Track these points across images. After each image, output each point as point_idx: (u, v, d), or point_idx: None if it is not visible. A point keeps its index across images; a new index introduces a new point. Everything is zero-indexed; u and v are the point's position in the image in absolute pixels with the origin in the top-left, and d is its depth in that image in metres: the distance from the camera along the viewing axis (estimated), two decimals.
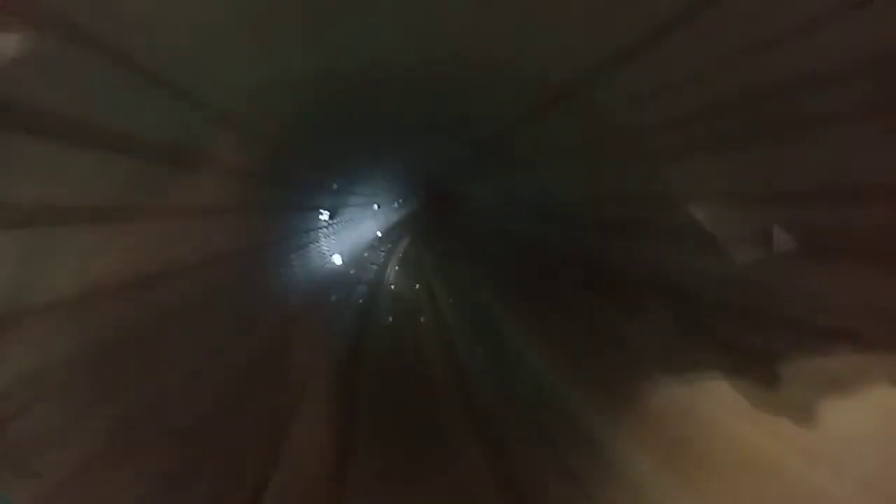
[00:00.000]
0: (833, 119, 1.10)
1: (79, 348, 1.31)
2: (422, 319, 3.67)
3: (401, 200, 4.88)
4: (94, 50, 1.16)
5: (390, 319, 3.84)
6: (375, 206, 4.89)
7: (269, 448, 1.93)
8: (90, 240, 1.36)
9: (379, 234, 4.94)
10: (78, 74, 1.17)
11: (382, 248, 4.77)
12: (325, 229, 4.13)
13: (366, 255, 4.62)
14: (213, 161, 2.00)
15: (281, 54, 1.71)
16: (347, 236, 4.40)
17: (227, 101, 1.80)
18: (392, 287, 4.26)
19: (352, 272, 4.30)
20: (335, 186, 4.12)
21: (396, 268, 4.46)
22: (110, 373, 1.41)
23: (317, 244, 4.03)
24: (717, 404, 1.45)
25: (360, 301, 4.01)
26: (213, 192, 2.16)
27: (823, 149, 1.16)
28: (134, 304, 1.55)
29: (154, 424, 1.58)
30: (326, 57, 1.82)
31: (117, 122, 1.36)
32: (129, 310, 1.53)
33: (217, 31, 1.41)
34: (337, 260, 4.22)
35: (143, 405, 1.53)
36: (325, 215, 4.12)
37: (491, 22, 1.53)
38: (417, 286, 4.20)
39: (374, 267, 4.46)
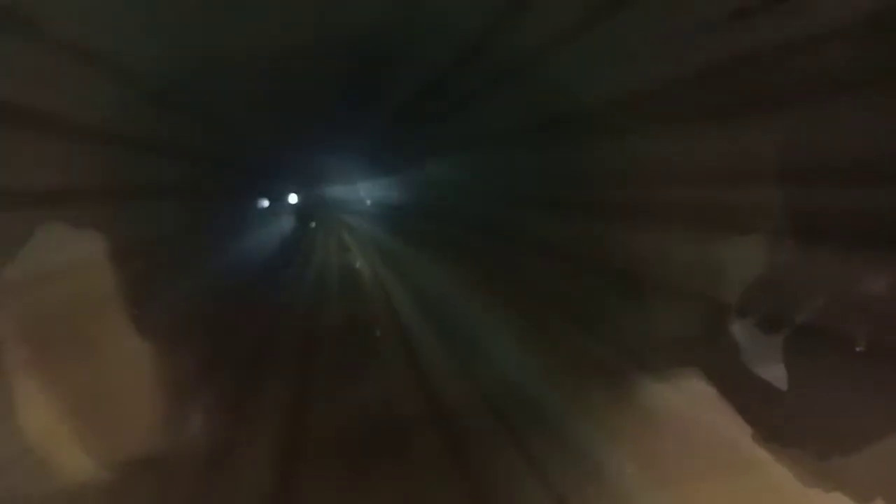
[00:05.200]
0: (802, 93, 1.10)
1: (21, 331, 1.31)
2: (373, 302, 3.58)
3: (350, 181, 4.76)
4: (19, 27, 1.11)
5: (339, 303, 3.73)
6: (318, 186, 4.77)
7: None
8: (25, 224, 1.33)
9: (324, 214, 4.84)
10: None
11: (329, 229, 4.66)
12: (269, 212, 4.03)
13: (311, 236, 4.52)
14: (151, 142, 1.93)
15: (218, 26, 1.62)
16: (290, 219, 4.29)
17: (164, 77, 1.73)
18: (340, 270, 4.16)
19: (296, 255, 4.20)
20: (277, 169, 4.01)
21: (345, 250, 4.36)
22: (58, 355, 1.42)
23: (260, 227, 3.93)
24: (698, 401, 1.44)
25: (307, 285, 3.91)
26: (153, 173, 2.07)
27: (790, 124, 1.16)
28: (72, 287, 1.53)
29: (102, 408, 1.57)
30: (264, 27, 1.76)
31: (47, 102, 1.30)
32: (69, 293, 1.52)
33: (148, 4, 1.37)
34: (281, 243, 4.13)
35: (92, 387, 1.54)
36: (269, 198, 4.02)
37: None
38: (369, 269, 4.11)
39: (321, 249, 4.35)
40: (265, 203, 4.23)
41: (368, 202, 4.45)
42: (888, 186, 1.02)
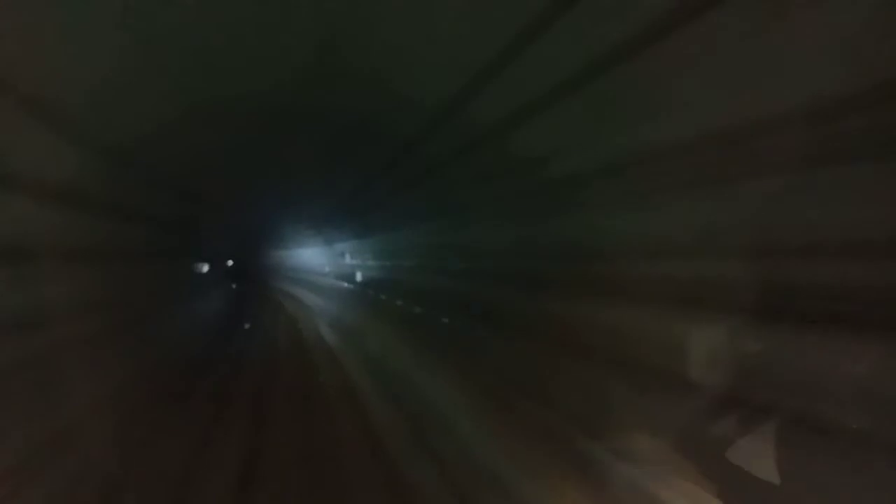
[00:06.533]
0: (768, 168, 1.10)
1: None
2: (329, 372, 3.52)
3: (315, 245, 4.71)
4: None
5: (295, 366, 3.65)
6: (286, 250, 4.72)
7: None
8: None
9: (290, 278, 4.78)
10: None
11: (294, 294, 4.59)
12: (227, 276, 3.97)
13: (274, 301, 4.46)
14: (109, 204, 1.93)
15: (178, 92, 1.66)
16: (250, 283, 4.22)
17: (121, 141, 1.74)
18: (297, 336, 4.07)
19: (255, 318, 4.13)
20: (236, 234, 3.97)
21: (304, 316, 4.27)
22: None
23: (218, 290, 3.84)
24: (682, 489, 1.39)
25: (262, 348, 3.83)
26: (114, 234, 2.08)
27: (755, 199, 1.15)
28: (28, 340, 1.51)
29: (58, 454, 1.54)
30: (227, 90, 1.79)
31: (12, 165, 1.32)
32: (27, 345, 1.50)
33: (111, 73, 1.37)
34: (238, 306, 4.05)
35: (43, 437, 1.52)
36: (229, 261, 3.98)
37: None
38: (328, 337, 4.02)
39: (283, 313, 4.29)
40: (221, 265, 4.17)
41: (360, 274, 4.39)
42: (864, 264, 1.01)
